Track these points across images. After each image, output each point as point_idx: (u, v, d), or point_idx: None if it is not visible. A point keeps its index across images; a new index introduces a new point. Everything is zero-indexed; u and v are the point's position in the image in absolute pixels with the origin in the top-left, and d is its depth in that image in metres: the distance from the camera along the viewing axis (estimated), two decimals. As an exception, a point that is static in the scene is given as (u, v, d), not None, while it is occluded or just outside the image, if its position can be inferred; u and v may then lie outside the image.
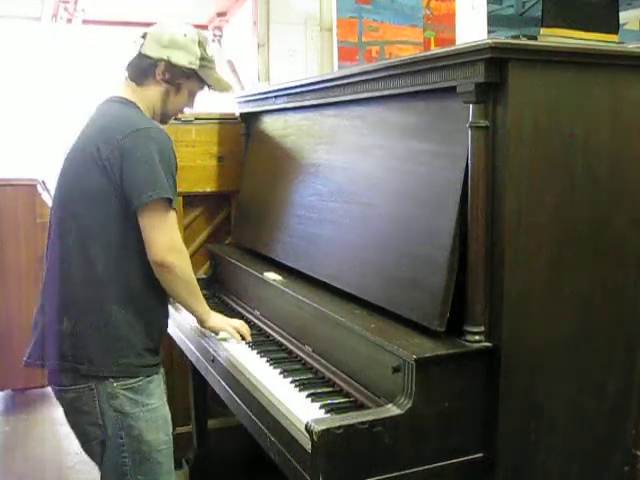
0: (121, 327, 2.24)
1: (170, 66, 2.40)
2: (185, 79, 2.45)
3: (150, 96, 2.44)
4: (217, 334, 2.66)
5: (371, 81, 2.30)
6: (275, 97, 3.17)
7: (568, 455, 1.98)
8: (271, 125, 3.36)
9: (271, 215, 3.09)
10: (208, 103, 2.72)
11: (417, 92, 2.10)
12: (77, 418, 2.30)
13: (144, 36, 2.43)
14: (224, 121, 3.71)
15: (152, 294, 2.32)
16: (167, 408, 2.37)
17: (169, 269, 2.24)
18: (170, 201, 2.22)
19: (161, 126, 2.38)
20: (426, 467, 1.82)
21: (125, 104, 2.38)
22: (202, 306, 2.51)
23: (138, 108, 2.40)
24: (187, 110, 2.63)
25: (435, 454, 1.83)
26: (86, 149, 2.25)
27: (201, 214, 3.76)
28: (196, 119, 3.62)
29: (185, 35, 2.42)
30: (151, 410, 2.28)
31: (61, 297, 2.26)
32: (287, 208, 2.94)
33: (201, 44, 2.46)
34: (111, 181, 2.20)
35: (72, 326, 2.23)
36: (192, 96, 2.54)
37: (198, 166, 3.63)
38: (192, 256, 3.69)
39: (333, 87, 2.57)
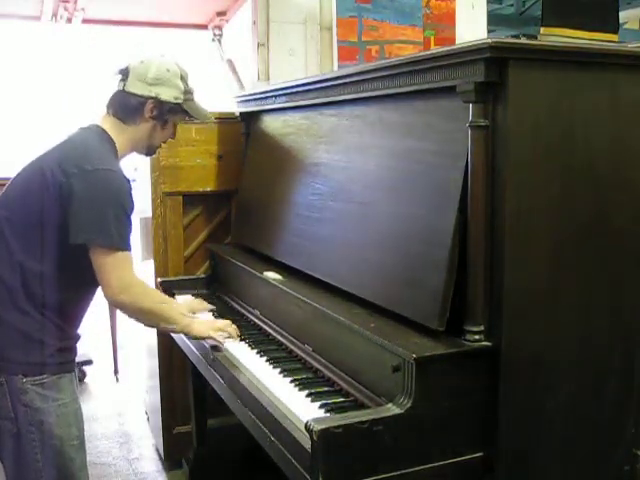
0: (35, 328, 2.26)
1: (158, 103, 2.46)
2: (171, 114, 2.52)
3: (136, 134, 2.49)
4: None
5: (371, 80, 2.30)
6: (275, 96, 3.17)
7: (568, 454, 1.98)
8: (271, 124, 3.36)
9: (271, 214, 3.09)
10: (208, 102, 2.72)
11: (417, 91, 2.10)
12: None
13: (125, 73, 2.45)
14: (224, 120, 3.70)
15: (73, 305, 2.35)
16: (79, 405, 2.38)
17: (123, 307, 2.33)
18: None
19: (121, 170, 2.37)
20: (426, 466, 1.82)
21: (101, 138, 2.41)
22: (176, 323, 2.47)
23: (113, 146, 2.42)
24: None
25: (435, 453, 1.83)
26: (45, 168, 2.28)
27: (201, 213, 3.75)
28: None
29: (168, 70, 2.48)
30: (62, 405, 2.30)
31: None
32: (287, 207, 2.94)
33: (183, 78, 2.53)
34: (55, 206, 2.23)
35: None
36: (175, 127, 2.61)
37: (198, 165, 3.63)
38: (191, 256, 3.71)
39: (333, 86, 2.58)
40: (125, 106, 2.45)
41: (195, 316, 2.69)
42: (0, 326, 2.26)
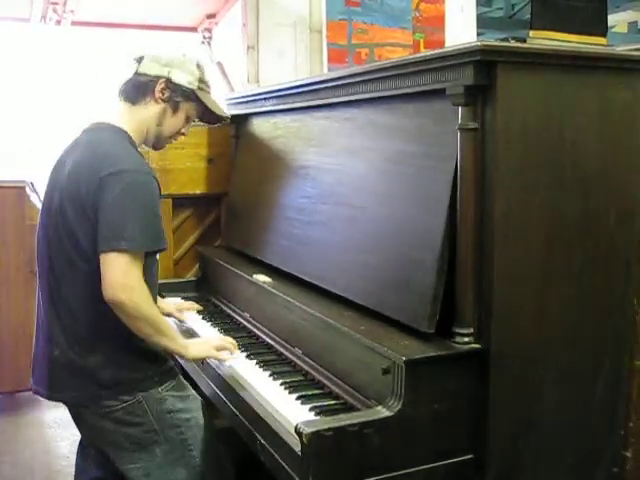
0: (141, 344, 2.32)
1: (170, 84, 2.41)
2: (184, 99, 2.46)
3: (145, 116, 2.43)
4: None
5: (361, 83, 2.30)
6: (264, 99, 3.17)
7: (557, 456, 1.99)
8: (260, 127, 3.36)
9: (260, 217, 3.09)
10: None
11: (406, 94, 2.11)
12: (128, 431, 2.34)
13: (140, 59, 2.42)
14: (214, 123, 3.70)
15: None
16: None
17: (120, 307, 2.19)
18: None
19: (146, 165, 2.36)
20: (416, 469, 1.82)
21: (113, 133, 2.37)
22: (174, 342, 2.36)
23: (127, 136, 2.38)
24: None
25: (425, 456, 1.83)
26: (75, 194, 2.25)
27: (191, 216, 3.74)
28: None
29: (184, 55, 2.46)
30: (194, 399, 2.44)
31: (81, 332, 2.31)
32: (277, 210, 2.94)
33: (200, 67, 2.49)
34: (90, 220, 2.22)
35: (104, 357, 2.29)
36: (188, 121, 2.54)
37: (188, 168, 3.62)
38: (181, 258, 3.70)
39: (322, 89, 2.58)
40: (135, 86, 2.41)
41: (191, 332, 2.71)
42: (116, 347, 2.30)
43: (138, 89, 2.41)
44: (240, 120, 3.56)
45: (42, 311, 2.40)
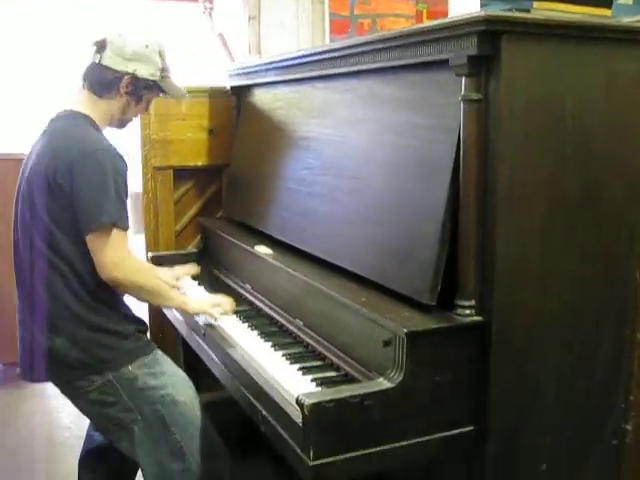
0: (112, 321, 2.38)
1: (135, 79, 2.45)
2: (147, 90, 2.52)
3: (110, 107, 2.49)
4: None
5: (363, 54, 2.28)
6: (266, 70, 3.15)
7: (558, 428, 1.99)
8: (262, 98, 3.34)
9: (262, 189, 3.08)
10: (198, 76, 2.70)
11: (409, 65, 2.09)
12: (105, 411, 2.39)
13: (102, 45, 2.43)
14: (215, 94, 3.67)
15: (110, 293, 2.40)
16: (180, 369, 2.54)
17: (119, 284, 2.34)
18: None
19: (112, 145, 2.39)
20: (417, 440, 1.82)
21: (78, 120, 2.42)
22: (174, 300, 2.53)
23: (92, 121, 2.43)
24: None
25: (426, 427, 1.84)
26: (40, 174, 2.32)
27: (192, 188, 3.73)
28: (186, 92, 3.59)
29: (147, 46, 2.46)
30: (171, 375, 2.45)
31: (47, 315, 2.35)
32: (278, 182, 2.93)
33: (161, 54, 2.52)
34: (65, 205, 2.28)
35: (69, 339, 2.33)
36: (149, 103, 2.62)
37: (188, 139, 3.61)
38: (182, 230, 3.70)
39: (324, 60, 2.55)
40: (100, 80, 2.44)
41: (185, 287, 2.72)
42: (81, 328, 2.33)
43: (102, 84, 2.45)
44: (241, 91, 3.54)
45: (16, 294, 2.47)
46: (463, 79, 1.83)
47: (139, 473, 2.61)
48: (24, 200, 2.39)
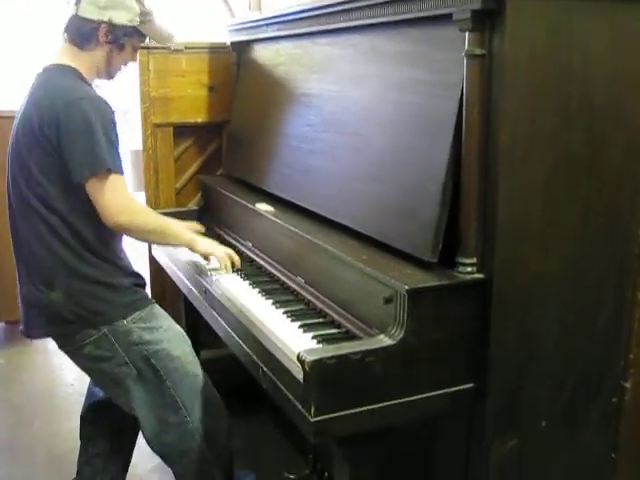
0: (105, 274, 2.38)
1: (112, 27, 2.41)
2: (127, 37, 2.47)
3: (94, 59, 2.45)
4: (208, 260, 2.68)
5: (365, 8, 2.24)
6: (267, 25, 3.11)
7: (558, 385, 2.00)
8: (262, 54, 3.30)
9: (262, 146, 3.06)
10: (198, 31, 2.67)
11: (412, 19, 2.06)
12: (101, 366, 2.40)
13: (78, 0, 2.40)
14: (215, 50, 3.64)
15: (105, 246, 2.40)
16: (178, 325, 2.54)
17: (126, 229, 2.36)
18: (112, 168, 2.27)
19: (98, 94, 2.38)
20: (417, 397, 1.83)
21: (63, 71, 2.40)
22: (182, 238, 2.56)
23: (78, 73, 2.41)
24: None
25: (426, 384, 1.85)
26: (27, 126, 2.31)
27: (192, 145, 3.72)
28: (186, 48, 3.55)
29: None
30: (167, 330, 2.46)
31: (41, 270, 2.36)
32: (279, 139, 2.91)
33: None
34: (52, 156, 2.27)
35: (64, 293, 2.34)
36: (135, 50, 2.58)
37: (189, 96, 3.58)
38: (183, 188, 3.69)
39: (326, 15, 2.52)
40: (79, 32, 2.41)
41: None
42: (75, 281, 2.34)
43: (82, 35, 2.42)
44: (242, 47, 3.50)
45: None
46: (466, 34, 1.80)
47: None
48: (14, 153, 2.38)
